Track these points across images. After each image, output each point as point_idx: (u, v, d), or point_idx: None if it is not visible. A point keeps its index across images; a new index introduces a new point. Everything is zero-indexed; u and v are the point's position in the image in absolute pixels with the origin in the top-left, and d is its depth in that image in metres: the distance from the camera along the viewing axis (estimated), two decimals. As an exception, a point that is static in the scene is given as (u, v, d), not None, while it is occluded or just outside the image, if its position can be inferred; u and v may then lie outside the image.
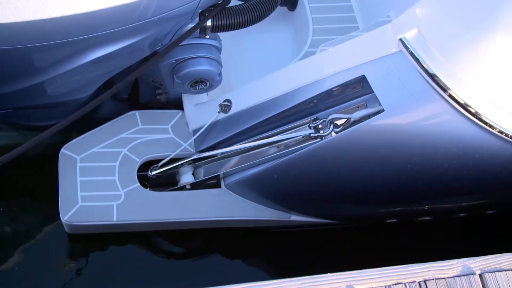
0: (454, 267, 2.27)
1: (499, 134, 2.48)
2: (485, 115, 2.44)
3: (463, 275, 2.25)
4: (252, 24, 3.06)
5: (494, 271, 2.27)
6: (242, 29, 3.08)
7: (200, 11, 2.87)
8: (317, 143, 2.85)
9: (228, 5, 2.98)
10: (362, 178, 2.93)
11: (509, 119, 2.45)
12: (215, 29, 2.99)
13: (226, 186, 3.25)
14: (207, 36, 3.05)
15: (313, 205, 3.31)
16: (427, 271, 2.25)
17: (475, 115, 2.45)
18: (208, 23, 2.94)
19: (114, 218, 3.07)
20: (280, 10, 3.91)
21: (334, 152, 2.83)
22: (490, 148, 2.57)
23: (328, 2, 3.81)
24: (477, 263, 2.29)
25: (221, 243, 3.47)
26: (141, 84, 3.45)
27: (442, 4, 2.57)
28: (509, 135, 2.48)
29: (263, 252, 3.55)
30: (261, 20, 3.09)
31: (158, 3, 2.63)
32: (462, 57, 2.43)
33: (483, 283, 2.25)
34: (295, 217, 3.33)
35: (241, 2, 3.09)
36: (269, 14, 3.12)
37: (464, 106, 2.45)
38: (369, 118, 2.68)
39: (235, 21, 2.99)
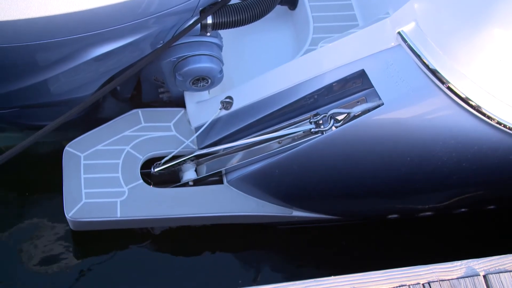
0: (458, 269, 2.21)
1: (498, 125, 2.42)
2: (483, 107, 2.38)
3: (467, 277, 2.19)
4: (252, 22, 3.04)
5: (498, 272, 2.21)
6: (243, 28, 3.09)
7: (201, 8, 2.86)
8: (317, 138, 2.81)
9: (229, 3, 3.00)
10: (362, 172, 2.87)
11: (507, 110, 2.38)
12: (216, 26, 2.98)
13: (228, 182, 3.20)
14: (208, 34, 3.02)
15: (314, 200, 3.25)
16: (431, 272, 2.19)
17: (473, 106, 2.39)
18: (209, 20, 2.93)
19: (118, 214, 3.01)
20: (280, 9, 3.88)
21: (335, 146, 2.78)
22: (488, 139, 2.51)
23: (328, 1, 3.77)
24: (481, 264, 2.22)
25: (224, 239, 3.43)
26: (143, 84, 3.40)
27: (440, -3, 2.51)
28: (507, 126, 2.42)
29: (265, 248, 3.50)
30: (262, 17, 3.06)
31: (160, 0, 2.64)
32: (460, 50, 2.36)
33: (487, 284, 2.18)
34: (297, 213, 3.27)
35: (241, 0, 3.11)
36: (269, 11, 3.09)
37: (463, 98, 2.39)
38: (369, 112, 2.64)
39: (236, 18, 2.98)
